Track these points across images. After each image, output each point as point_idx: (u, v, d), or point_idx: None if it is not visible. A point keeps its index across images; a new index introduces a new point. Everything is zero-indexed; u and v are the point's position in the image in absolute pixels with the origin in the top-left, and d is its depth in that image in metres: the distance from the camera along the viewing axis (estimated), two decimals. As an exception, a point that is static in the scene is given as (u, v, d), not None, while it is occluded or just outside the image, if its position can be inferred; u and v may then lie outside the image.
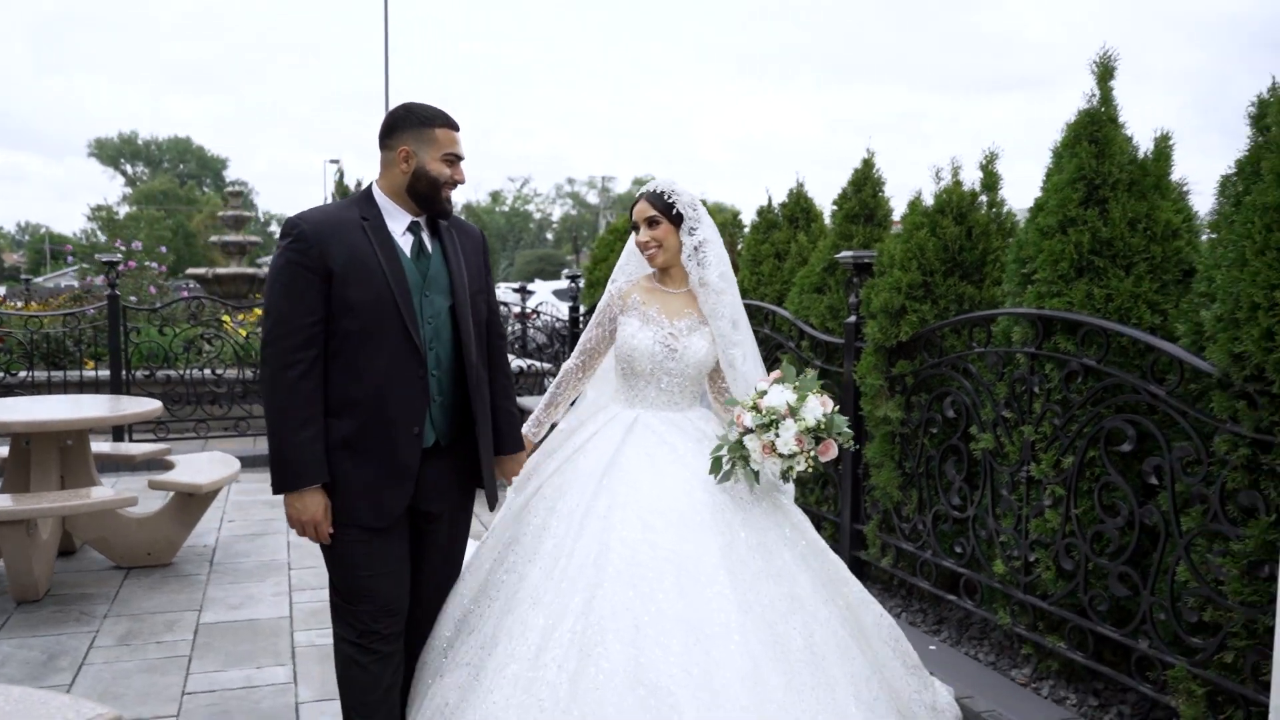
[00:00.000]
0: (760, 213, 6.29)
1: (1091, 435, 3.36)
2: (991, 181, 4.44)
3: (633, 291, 3.06)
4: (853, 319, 4.70)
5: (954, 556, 4.14)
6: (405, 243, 2.64)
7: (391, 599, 2.69)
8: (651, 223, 2.97)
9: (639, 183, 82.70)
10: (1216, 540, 2.92)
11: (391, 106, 3.46)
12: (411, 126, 2.59)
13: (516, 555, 2.78)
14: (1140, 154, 3.63)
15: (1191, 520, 3.00)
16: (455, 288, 2.67)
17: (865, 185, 5.39)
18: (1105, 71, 3.71)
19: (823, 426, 2.69)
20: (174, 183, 64.94)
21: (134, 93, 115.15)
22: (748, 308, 3.43)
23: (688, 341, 2.96)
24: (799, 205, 6.15)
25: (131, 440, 8.04)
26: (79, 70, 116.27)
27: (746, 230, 6.73)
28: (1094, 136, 3.62)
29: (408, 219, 2.64)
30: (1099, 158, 3.58)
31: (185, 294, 11.33)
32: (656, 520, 2.67)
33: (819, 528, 4.47)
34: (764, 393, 2.75)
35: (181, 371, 8.54)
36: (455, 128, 2.65)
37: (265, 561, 5.51)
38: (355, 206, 2.61)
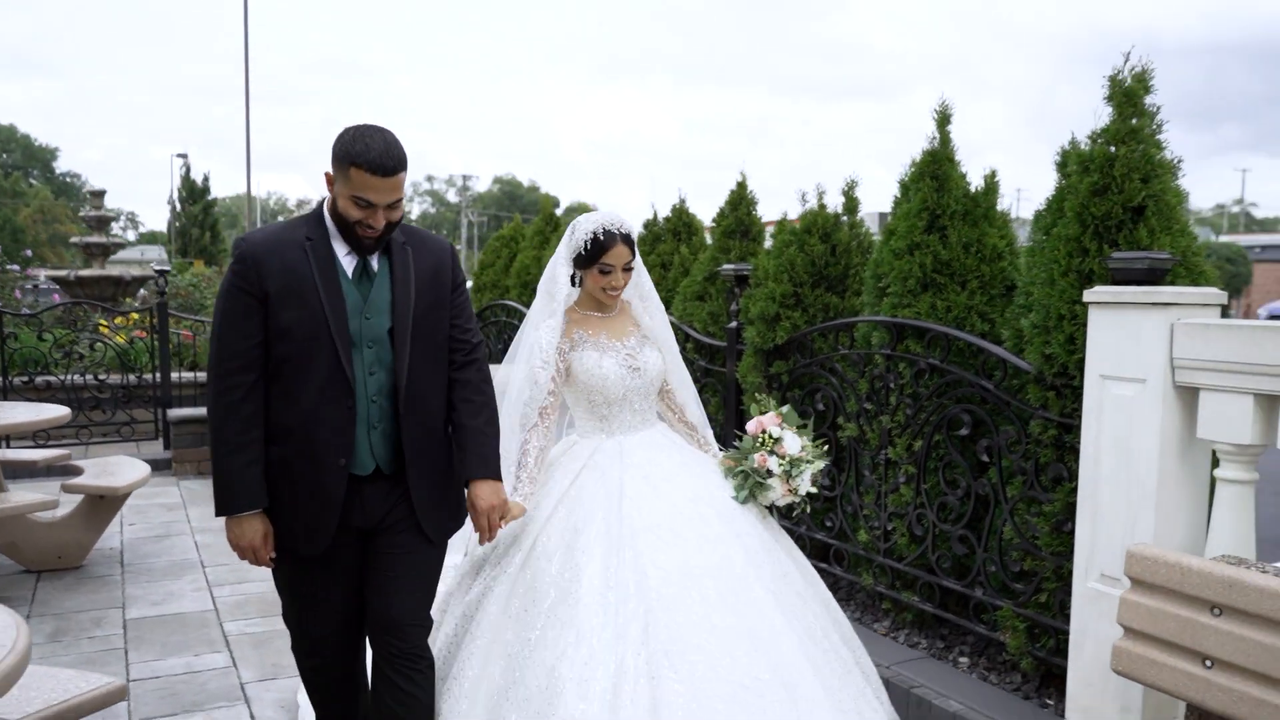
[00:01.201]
0: (647, 225, 6.86)
1: (937, 422, 4.06)
2: (852, 205, 5.13)
3: (572, 329, 3.05)
4: (734, 324, 5.31)
5: (825, 530, 4.80)
6: (349, 264, 2.54)
7: (326, 630, 2.70)
8: (627, 268, 3.00)
9: (500, 181, 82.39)
10: (1033, 505, 3.64)
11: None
12: (338, 156, 2.44)
13: (543, 607, 2.68)
14: (973, 188, 4.35)
15: (1014, 489, 3.71)
16: (396, 309, 2.54)
17: (741, 204, 6.02)
18: (943, 118, 4.43)
19: (819, 456, 3.07)
20: (-3, 174, 60.66)
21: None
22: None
23: (645, 357, 3.07)
24: (681, 220, 6.74)
25: (9, 446, 7.92)
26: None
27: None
28: (935, 173, 4.33)
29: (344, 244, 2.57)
30: (939, 192, 4.29)
31: (56, 297, 11.01)
32: (676, 538, 2.75)
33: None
34: (778, 439, 3.02)
35: (62, 377, 8.46)
36: (376, 171, 2.40)
37: (177, 561, 5.70)
38: (303, 225, 2.54)
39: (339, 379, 2.49)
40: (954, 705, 3.53)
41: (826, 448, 3.03)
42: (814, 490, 3.06)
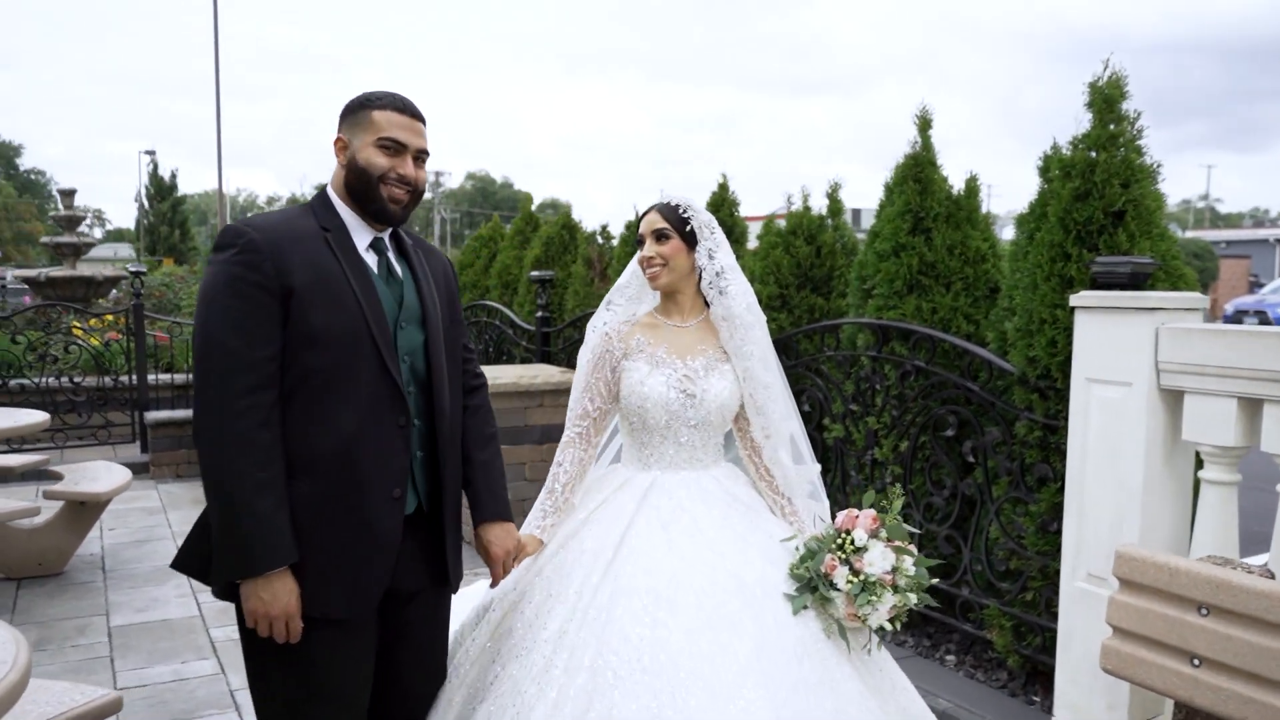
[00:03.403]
0: (629, 226, 6.87)
1: (923, 424, 4.11)
2: (836, 208, 5.18)
3: (634, 332, 2.60)
4: (719, 326, 5.34)
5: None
6: (370, 262, 2.18)
7: (354, 707, 2.16)
8: (660, 237, 2.55)
9: (473, 177, 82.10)
10: (1019, 505, 3.70)
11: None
12: (352, 111, 2.15)
13: (508, 648, 2.36)
14: (955, 191, 4.41)
15: (1000, 490, 3.77)
16: (429, 319, 2.21)
17: (723, 206, 6.05)
18: (924, 123, 4.48)
19: (916, 587, 2.34)
20: (-41, 171, 59.64)
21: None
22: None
23: (707, 384, 2.53)
24: (663, 220, 6.76)
25: (-16, 452, 7.82)
26: None
27: (615, 243, 7.29)
28: (918, 177, 4.38)
29: (370, 234, 2.18)
30: (922, 195, 4.34)
31: (27, 299, 10.86)
32: (668, 612, 2.22)
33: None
34: (859, 549, 2.32)
35: (36, 380, 8.35)
36: (402, 110, 2.15)
37: (159, 566, 5.65)
38: (311, 214, 2.14)
39: (388, 392, 2.08)
40: (942, 703, 3.59)
41: (935, 581, 2.43)
42: (889, 627, 2.32)
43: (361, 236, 2.17)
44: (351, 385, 2.05)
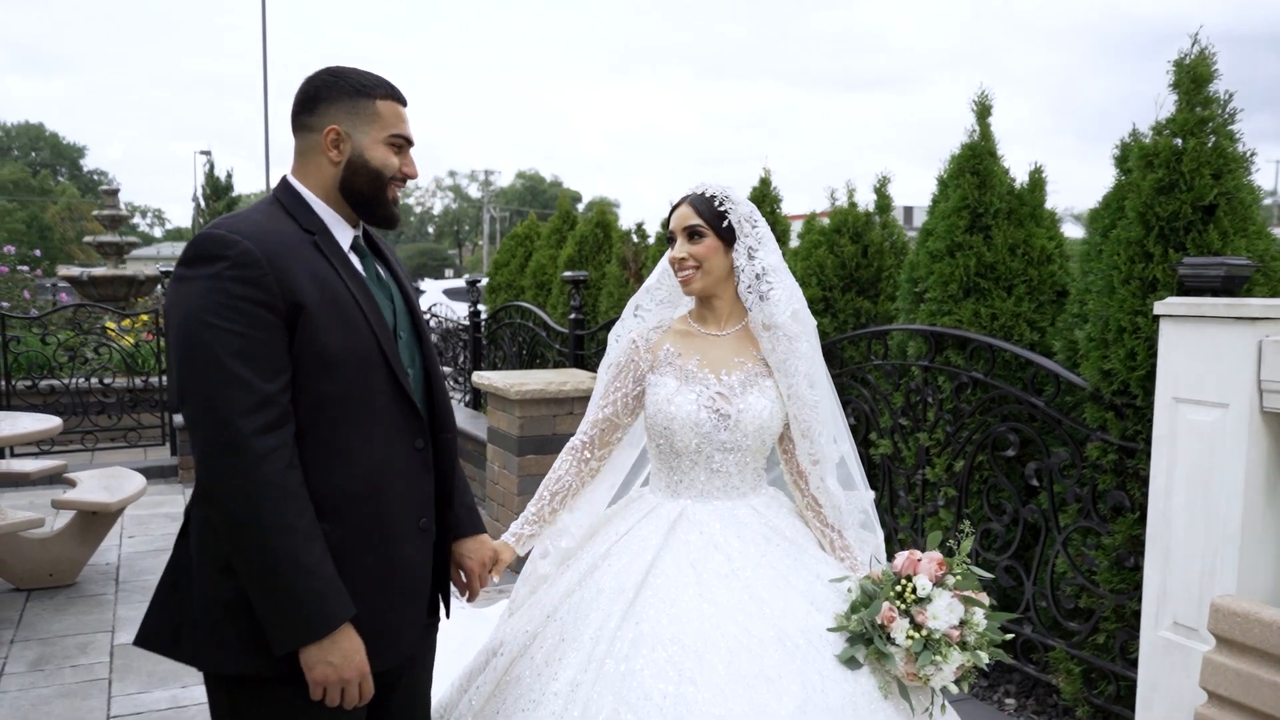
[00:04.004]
0: (664, 224, 6.52)
1: (980, 441, 3.71)
2: (884, 203, 4.79)
3: (664, 340, 2.32)
4: (758, 331, 4.98)
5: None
6: (357, 265, 1.96)
7: None
8: (693, 234, 2.22)
9: (523, 176, 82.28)
10: (1090, 536, 3.29)
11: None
12: (342, 97, 1.88)
13: (514, 699, 2.12)
14: (1017, 185, 4.00)
15: (1068, 518, 3.36)
16: (418, 322, 2.03)
17: (764, 202, 5.67)
18: (983, 110, 4.08)
19: (988, 644, 2.03)
20: (25, 172, 61.14)
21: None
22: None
23: (744, 402, 2.22)
24: (701, 218, 6.41)
25: (14, 455, 7.72)
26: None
27: (651, 241, 6.95)
28: (975, 169, 3.98)
29: (349, 234, 1.93)
30: (981, 188, 3.94)
31: (65, 298, 10.83)
32: (696, 666, 1.96)
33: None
34: (925, 598, 2.01)
35: (66, 381, 8.25)
36: (400, 99, 1.95)
37: (174, 578, 5.45)
38: (285, 215, 1.86)
39: (404, 414, 1.88)
40: (1002, 758, 3.20)
41: (1011, 637, 2.12)
42: (955, 689, 2.04)
43: (343, 238, 1.91)
44: (369, 411, 1.82)
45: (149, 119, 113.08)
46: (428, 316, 12.23)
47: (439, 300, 15.88)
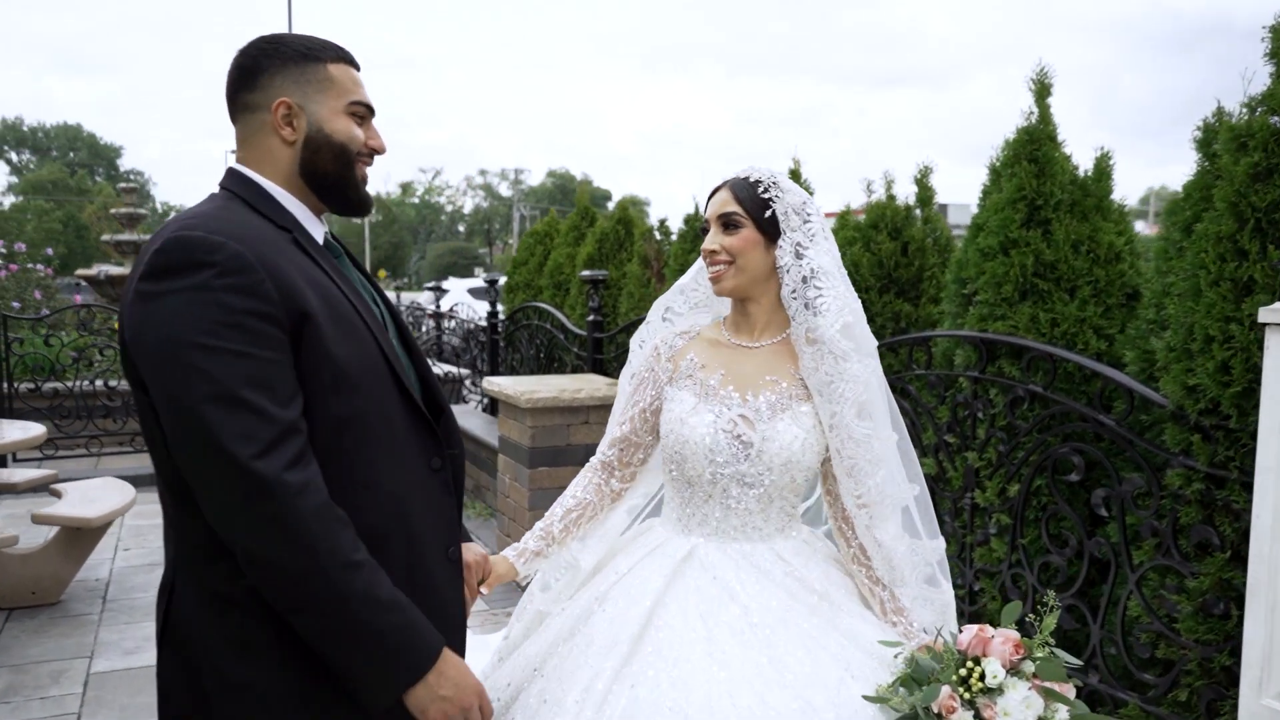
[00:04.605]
0: (688, 221, 6.12)
1: (1038, 464, 3.28)
2: (926, 196, 4.36)
3: (690, 348, 2.01)
4: (787, 335, 4.57)
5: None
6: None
7: None
8: (729, 224, 1.91)
9: (553, 174, 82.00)
10: (1169, 576, 2.85)
11: None
12: (288, 64, 1.60)
13: None
14: (1080, 173, 3.57)
15: (1143, 554, 2.93)
16: (406, 333, 1.79)
17: (796, 195, 5.27)
18: (1042, 89, 3.65)
19: None
20: (64, 172, 61.83)
21: (11, 75, 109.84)
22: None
23: (771, 429, 1.88)
24: (727, 213, 6.00)
25: (15, 460, 7.48)
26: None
27: (674, 238, 6.55)
28: (1033, 155, 3.54)
29: (320, 229, 1.68)
30: (1039, 177, 3.50)
31: (78, 299, 10.63)
32: None
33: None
34: (992, 688, 1.62)
35: (71, 384, 7.99)
36: (356, 64, 1.69)
37: (164, 596, 5.13)
38: (250, 210, 1.57)
39: (419, 432, 1.64)
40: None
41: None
42: None
43: (316, 235, 1.66)
44: (385, 433, 1.58)
45: (185, 119, 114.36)
46: (449, 318, 11.93)
47: (462, 300, 15.62)
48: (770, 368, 1.94)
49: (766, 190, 1.92)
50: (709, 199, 2.00)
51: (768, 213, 1.91)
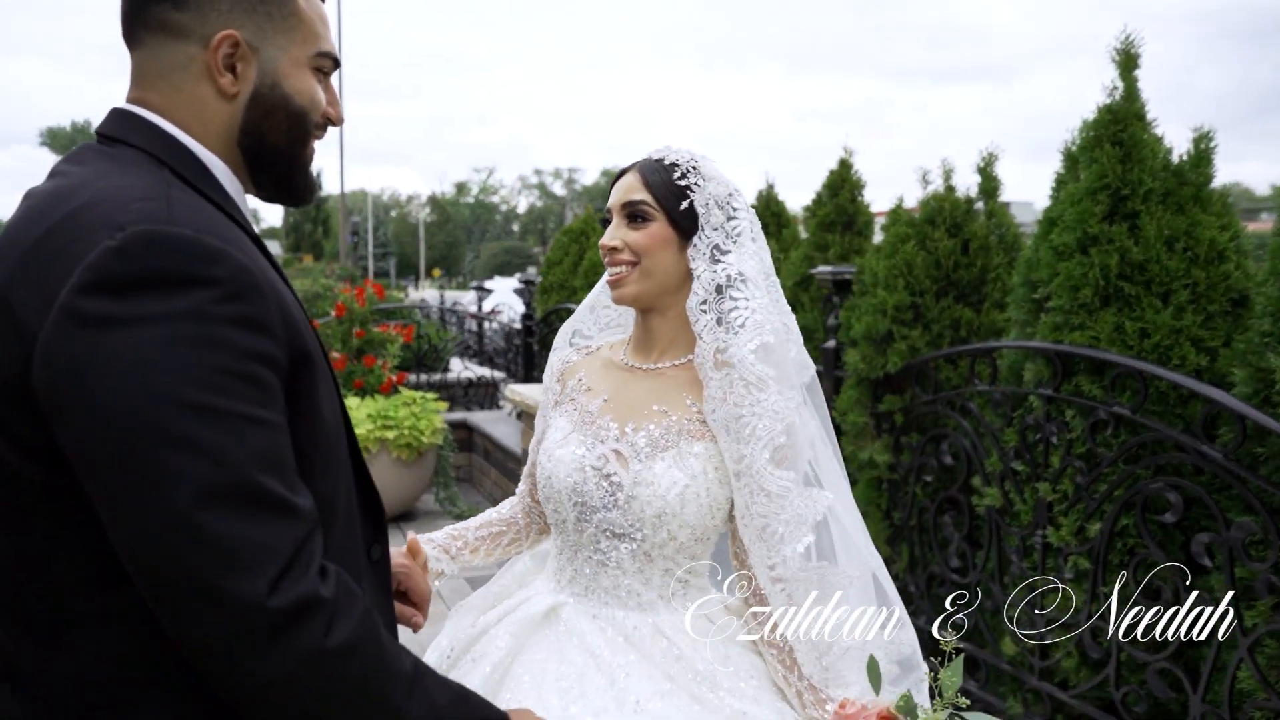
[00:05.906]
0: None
1: (1124, 499, 2.79)
2: (991, 187, 3.87)
3: (580, 367, 1.72)
4: (831, 344, 4.11)
5: (950, 627, 3.57)
6: None
7: None
8: (635, 216, 1.56)
9: (607, 174, 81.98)
10: (1292, 644, 2.35)
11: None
12: None
13: None
14: (1175, 157, 3.06)
15: (1257, 615, 2.43)
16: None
17: (843, 189, 4.81)
18: (1128, 60, 3.16)
19: None
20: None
21: (78, 79, 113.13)
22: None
23: (645, 470, 1.52)
24: (769, 209, 5.58)
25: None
26: (18, 55, 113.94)
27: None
28: (1118, 137, 3.05)
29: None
30: (1125, 162, 3.01)
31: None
32: None
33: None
34: None
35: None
36: None
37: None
38: (189, 189, 1.11)
39: (366, 509, 1.28)
40: None
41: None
42: None
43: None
44: (347, 516, 1.20)
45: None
46: (489, 319, 11.66)
47: (506, 300, 15.35)
48: (661, 396, 1.59)
49: (684, 176, 1.57)
50: (613, 183, 1.64)
51: (684, 204, 1.56)
